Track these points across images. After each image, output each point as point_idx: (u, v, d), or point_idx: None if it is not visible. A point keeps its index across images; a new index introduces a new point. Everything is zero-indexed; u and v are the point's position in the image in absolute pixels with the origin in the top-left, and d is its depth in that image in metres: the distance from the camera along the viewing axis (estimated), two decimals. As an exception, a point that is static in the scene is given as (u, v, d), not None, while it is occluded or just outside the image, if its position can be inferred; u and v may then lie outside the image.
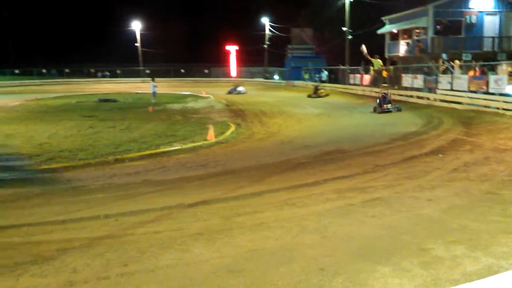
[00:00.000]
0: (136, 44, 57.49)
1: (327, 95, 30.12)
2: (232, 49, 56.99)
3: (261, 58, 56.59)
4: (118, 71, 55.90)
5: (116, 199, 7.43)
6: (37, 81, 49.71)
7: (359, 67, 33.05)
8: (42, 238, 5.46)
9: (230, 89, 37.56)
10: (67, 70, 55.67)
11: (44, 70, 56.41)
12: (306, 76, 42.38)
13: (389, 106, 20.02)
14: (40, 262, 4.69)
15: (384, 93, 20.63)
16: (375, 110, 20.16)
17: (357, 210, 6.33)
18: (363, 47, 26.77)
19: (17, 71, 54.46)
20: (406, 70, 27.22)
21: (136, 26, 57.72)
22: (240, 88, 37.19)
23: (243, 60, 57.45)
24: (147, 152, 11.87)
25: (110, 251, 4.94)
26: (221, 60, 57.93)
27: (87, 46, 61.12)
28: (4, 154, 9.39)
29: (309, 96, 30.21)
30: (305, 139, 13.92)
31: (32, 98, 31.10)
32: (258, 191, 7.64)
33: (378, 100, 20.55)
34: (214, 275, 4.29)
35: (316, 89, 31.00)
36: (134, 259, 4.71)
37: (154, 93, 27.89)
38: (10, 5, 61.52)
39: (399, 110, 19.97)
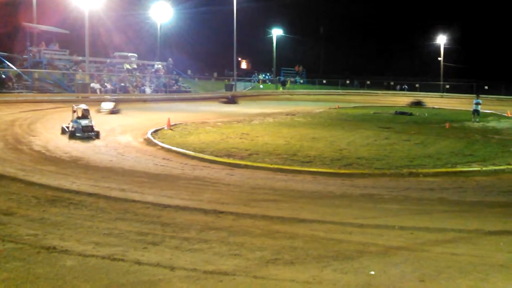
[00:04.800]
0: (439, 59, 56.12)
1: None
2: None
3: None
4: (417, 85, 55.59)
5: (411, 212, 7.46)
6: (341, 91, 53.57)
7: None
8: (342, 237, 5.91)
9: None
10: (368, 82, 58.40)
11: (347, 81, 60.44)
12: None
13: None
14: (340, 259, 5.09)
15: None
16: None
17: None
18: None
19: (324, 81, 59.88)
20: None
21: (441, 40, 56.28)
22: None
23: None
24: (443, 169, 11.49)
25: (406, 263, 5.01)
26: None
27: (388, 59, 62.81)
28: None
29: None
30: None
31: (334, 106, 33.73)
32: None
33: None
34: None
35: None
36: (431, 276, 4.66)
37: (476, 111, 25.46)
38: (326, 23, 67.89)
39: None
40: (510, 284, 4.56)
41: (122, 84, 36.40)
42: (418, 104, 38.22)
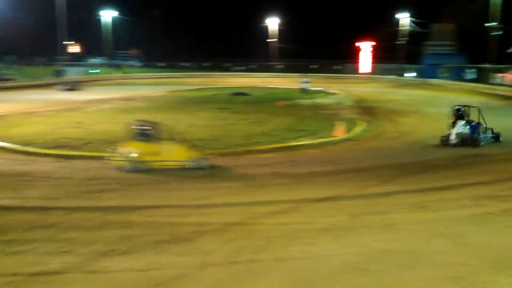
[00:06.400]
0: (268, 40, 58.90)
1: None
2: (364, 45, 55.72)
3: (394, 54, 54.55)
4: (252, 66, 57.72)
5: (247, 189, 7.76)
6: (179, 74, 53.22)
7: (507, 65, 30.43)
8: (180, 220, 5.91)
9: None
10: (206, 64, 58.94)
11: (186, 64, 60.22)
12: (445, 74, 40.01)
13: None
14: (178, 242, 5.08)
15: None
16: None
17: (495, 220, 5.88)
18: None
19: (162, 64, 58.86)
20: None
21: (271, 22, 59.10)
22: None
23: (376, 56, 55.81)
24: (277, 145, 12.14)
25: (241, 237, 5.19)
26: (353, 56, 56.89)
27: (224, 41, 64.07)
28: None
29: None
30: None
31: (174, 89, 33.42)
32: (387, 191, 7.47)
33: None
34: (341, 272, 4.30)
35: None
36: (263, 247, 4.89)
37: (304, 89, 27.43)
38: (161, 5, 66.37)
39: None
40: (331, 244, 5.00)
41: None
42: None
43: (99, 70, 53.59)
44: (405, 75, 47.29)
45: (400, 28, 53.39)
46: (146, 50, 63.05)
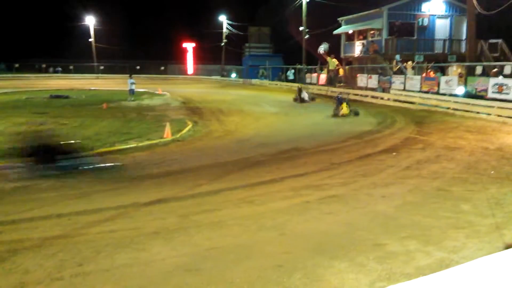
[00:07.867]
0: (90, 40, 56.04)
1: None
2: (189, 46, 56.47)
3: (218, 56, 56.39)
4: (71, 67, 54.22)
5: (70, 198, 7.22)
6: (-17, 76, 47.57)
7: (315, 67, 33.63)
8: (-10, 239, 5.25)
9: None
10: (16, 65, 53.58)
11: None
12: (263, 74, 42.65)
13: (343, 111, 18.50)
14: (-11, 264, 4.51)
15: (339, 96, 19.68)
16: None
17: (313, 207, 6.41)
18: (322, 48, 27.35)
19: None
20: (361, 70, 27.79)
21: (90, 21, 56.29)
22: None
23: (200, 57, 57.00)
24: (102, 150, 11.59)
25: (64, 251, 4.81)
26: (178, 57, 57.31)
27: (38, 40, 59.14)
28: None
29: (295, 100, 24.97)
30: (262, 138, 13.98)
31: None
32: (215, 189, 7.61)
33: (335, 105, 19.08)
34: (171, 274, 4.24)
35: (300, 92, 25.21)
36: (89, 259, 4.59)
37: (131, 91, 26.41)
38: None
39: (356, 114, 18.43)
40: (162, 248, 4.93)
41: None
42: None
43: None
44: (232, 75, 49.20)
45: (223, 30, 55.40)
46: None
